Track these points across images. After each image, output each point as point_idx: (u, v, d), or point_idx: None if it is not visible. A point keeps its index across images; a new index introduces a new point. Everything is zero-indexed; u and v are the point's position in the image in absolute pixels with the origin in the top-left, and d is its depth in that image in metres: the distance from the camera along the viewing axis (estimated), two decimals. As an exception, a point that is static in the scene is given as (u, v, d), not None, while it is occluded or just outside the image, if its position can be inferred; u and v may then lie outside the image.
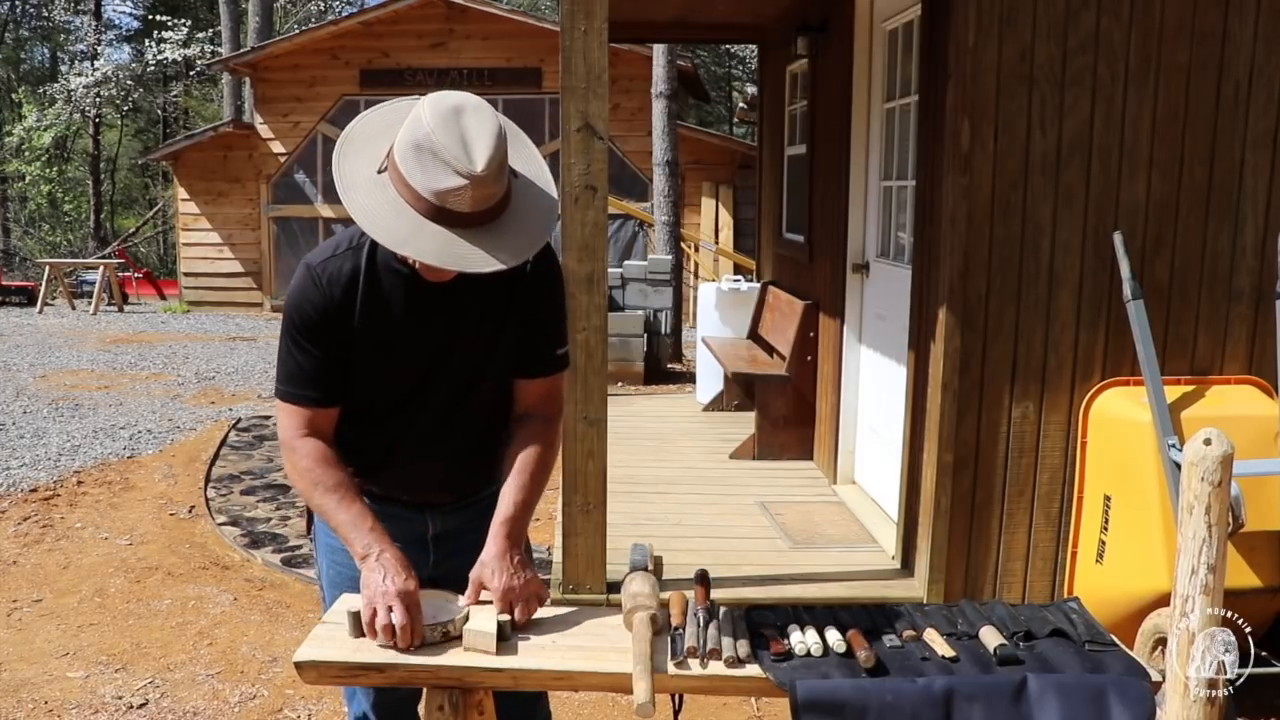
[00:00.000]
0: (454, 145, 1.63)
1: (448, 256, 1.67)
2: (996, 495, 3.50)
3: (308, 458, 1.86)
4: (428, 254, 1.68)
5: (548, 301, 1.97)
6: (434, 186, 1.65)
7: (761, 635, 1.78)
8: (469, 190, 1.64)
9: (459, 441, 2.01)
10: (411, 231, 1.67)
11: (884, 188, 4.64)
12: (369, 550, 1.77)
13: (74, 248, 22.12)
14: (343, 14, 18.89)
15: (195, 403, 7.90)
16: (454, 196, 1.65)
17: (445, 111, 1.66)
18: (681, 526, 4.47)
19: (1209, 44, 3.30)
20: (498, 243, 1.69)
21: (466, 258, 1.68)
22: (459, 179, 1.63)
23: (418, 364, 1.91)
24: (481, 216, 1.68)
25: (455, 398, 1.96)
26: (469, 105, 1.69)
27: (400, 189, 1.69)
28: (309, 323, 1.86)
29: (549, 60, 12.55)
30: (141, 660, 3.65)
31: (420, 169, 1.66)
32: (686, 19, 6.59)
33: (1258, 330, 3.42)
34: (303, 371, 1.88)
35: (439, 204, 1.66)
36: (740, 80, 25.63)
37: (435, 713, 1.75)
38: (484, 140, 1.65)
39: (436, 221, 1.67)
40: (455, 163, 1.63)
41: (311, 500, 1.87)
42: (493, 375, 1.98)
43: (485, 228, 1.69)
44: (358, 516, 1.81)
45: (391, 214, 1.69)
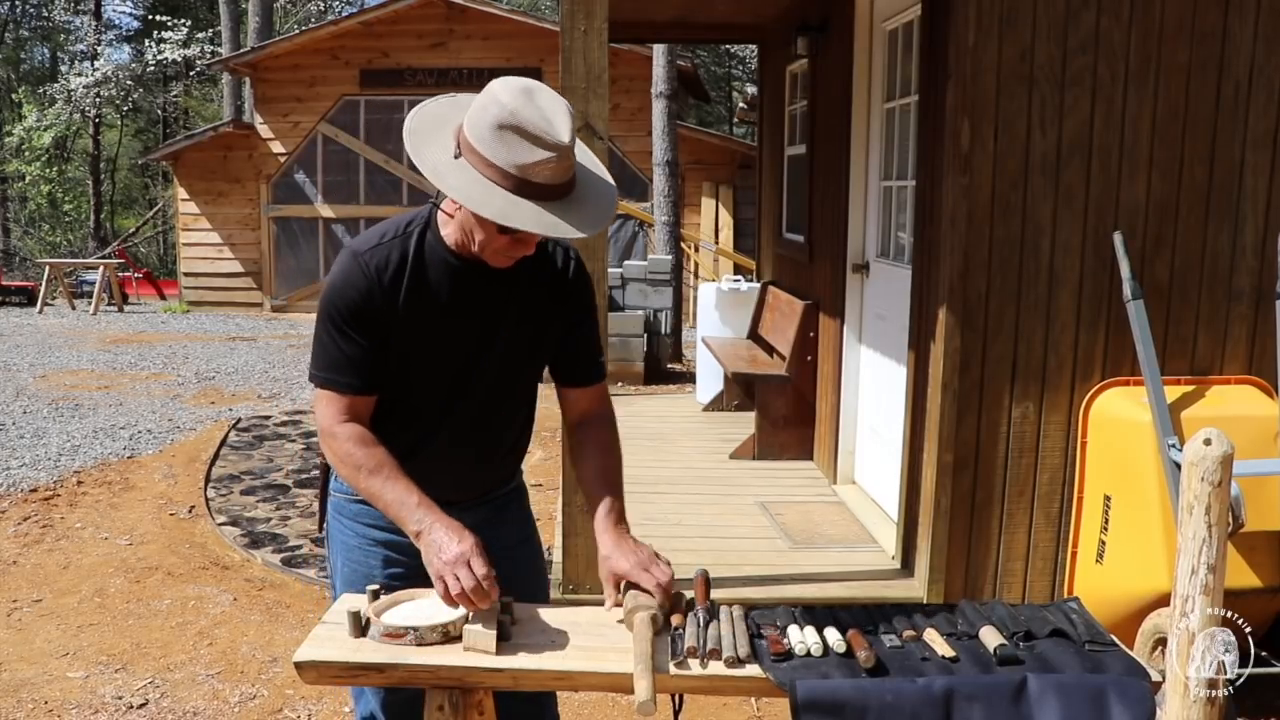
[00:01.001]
0: (539, 120, 1.70)
1: (543, 224, 1.72)
2: (996, 495, 3.50)
3: (349, 441, 1.86)
4: (528, 223, 1.72)
5: (590, 309, 2.04)
6: (520, 161, 1.70)
7: (761, 635, 1.78)
8: (555, 162, 1.71)
9: (488, 440, 2.03)
10: (506, 205, 1.72)
11: (884, 188, 4.64)
12: (421, 525, 1.79)
13: (74, 248, 22.12)
14: (343, 14, 18.90)
15: (195, 403, 7.90)
16: (540, 169, 1.70)
17: (520, 91, 1.73)
18: (681, 526, 4.47)
19: (1209, 44, 3.30)
20: (576, 213, 1.76)
21: (558, 225, 1.73)
22: (547, 151, 1.70)
23: (456, 358, 1.93)
24: (559, 190, 1.75)
25: (491, 396, 1.98)
26: (537, 85, 1.76)
27: (482, 169, 1.73)
28: (353, 309, 1.85)
29: (549, 60, 12.54)
30: (141, 660, 3.65)
31: (505, 146, 1.70)
32: (686, 19, 6.59)
33: (1258, 330, 3.42)
34: (344, 357, 1.87)
35: (523, 178, 1.71)
36: (740, 80, 25.63)
37: (435, 713, 1.75)
38: (562, 114, 1.73)
39: (522, 195, 1.72)
40: (544, 136, 1.69)
41: (357, 484, 1.88)
42: (528, 377, 2.03)
43: (563, 200, 1.75)
44: (404, 493, 1.82)
45: (482, 191, 1.73)
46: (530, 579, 2.12)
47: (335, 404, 1.88)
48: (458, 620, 1.78)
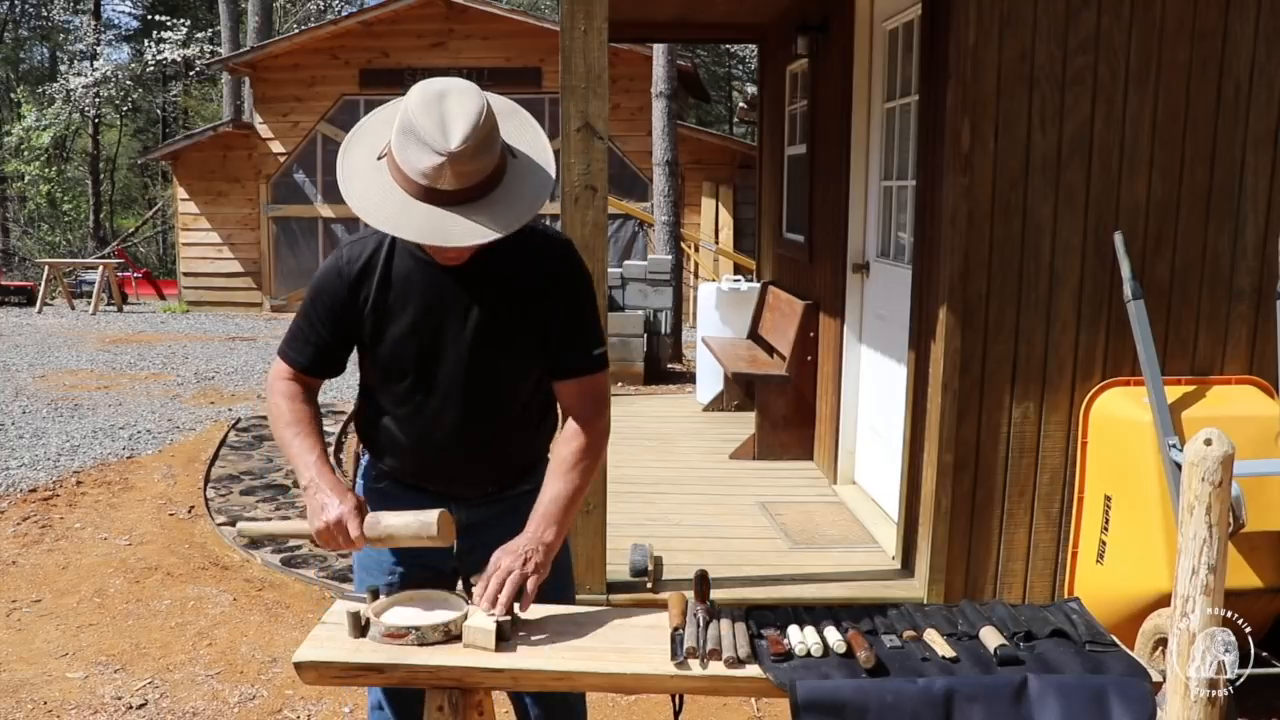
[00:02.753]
0: (432, 126, 1.71)
1: (429, 231, 1.75)
2: (997, 495, 3.50)
3: (280, 395, 2.02)
4: (408, 230, 1.76)
5: (571, 304, 2.00)
6: (417, 166, 1.73)
7: (761, 635, 1.78)
8: (448, 168, 1.71)
9: (481, 436, 2.04)
10: (398, 209, 1.76)
11: (884, 188, 4.64)
12: (310, 483, 1.92)
13: (73, 248, 22.12)
14: (342, 14, 18.88)
15: (195, 403, 7.90)
16: (435, 174, 1.72)
17: (429, 95, 1.75)
18: (681, 527, 4.47)
19: (1209, 43, 3.30)
20: (485, 215, 1.76)
21: (449, 230, 1.75)
22: (437, 157, 1.71)
23: (429, 352, 1.96)
24: (468, 193, 1.75)
25: (471, 391, 1.99)
26: (454, 89, 1.76)
27: (394, 172, 1.78)
28: (321, 298, 1.98)
29: (549, 60, 12.54)
30: (141, 660, 3.64)
31: (406, 150, 1.75)
32: (686, 18, 6.59)
33: (1258, 330, 3.42)
34: (301, 337, 2.02)
35: (426, 183, 1.74)
36: (740, 80, 25.63)
37: (435, 713, 1.75)
38: (463, 120, 1.72)
39: (425, 200, 1.75)
40: (433, 142, 1.71)
41: (275, 433, 2.02)
42: (510, 374, 2.01)
43: (474, 203, 1.76)
44: (307, 449, 1.96)
45: (381, 195, 1.78)
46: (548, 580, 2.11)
47: (283, 370, 2.05)
48: (459, 619, 1.78)
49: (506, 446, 2.08)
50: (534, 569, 1.83)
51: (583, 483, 1.96)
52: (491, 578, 1.81)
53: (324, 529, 1.87)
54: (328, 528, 1.87)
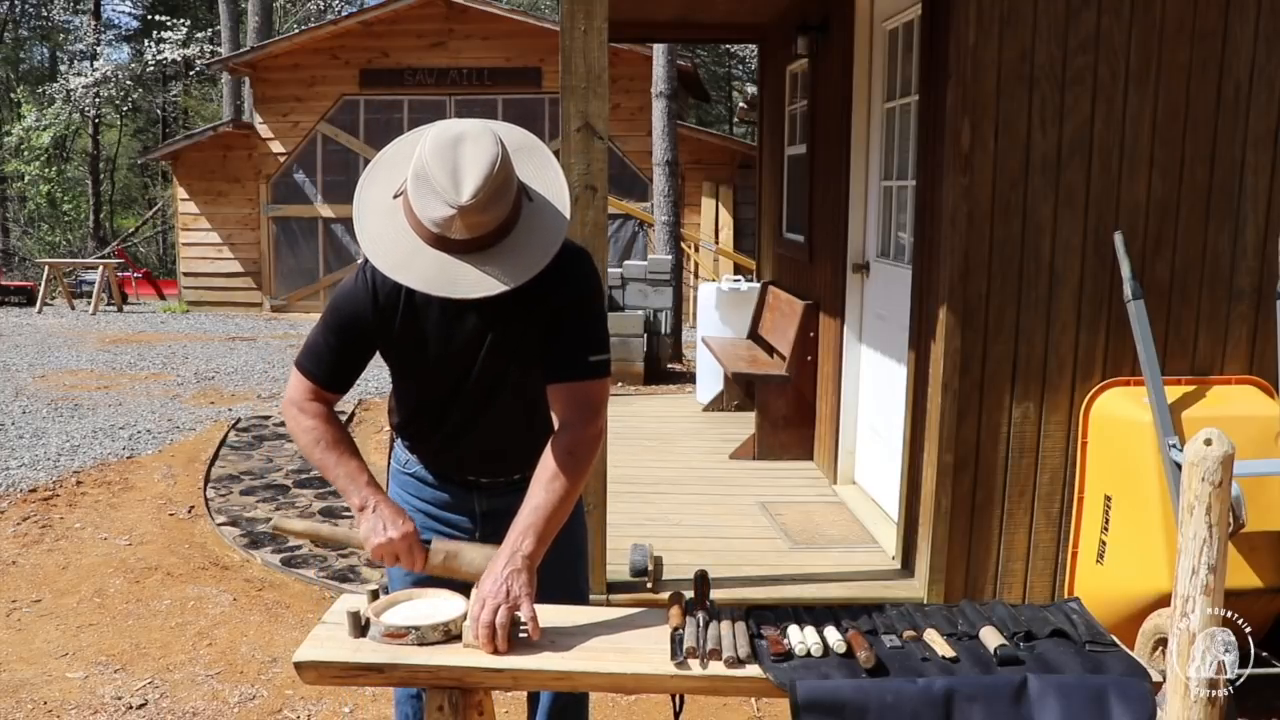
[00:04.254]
0: (444, 177, 1.72)
1: (438, 281, 1.77)
2: (997, 496, 3.50)
3: (312, 416, 2.00)
4: (417, 280, 1.78)
5: (577, 310, 1.98)
6: (429, 215, 1.75)
7: (761, 635, 1.78)
8: (458, 219, 1.73)
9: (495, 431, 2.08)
10: (407, 256, 1.78)
11: (884, 188, 4.64)
12: (365, 502, 1.94)
13: (73, 248, 22.11)
14: (342, 14, 18.88)
15: (195, 403, 7.90)
16: (446, 224, 1.74)
17: (444, 142, 1.75)
18: (681, 526, 4.47)
19: (1209, 44, 3.30)
20: (496, 266, 1.78)
21: (457, 282, 1.77)
22: (448, 209, 1.72)
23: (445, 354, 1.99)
24: (479, 242, 1.77)
25: (488, 392, 2.03)
26: (469, 135, 1.76)
27: (408, 215, 1.80)
28: (343, 317, 1.97)
29: (549, 60, 12.54)
30: (141, 660, 3.64)
31: (419, 197, 1.76)
32: (686, 18, 6.59)
33: (1258, 330, 3.42)
34: (320, 354, 2.01)
35: (438, 231, 1.76)
36: (740, 80, 25.63)
37: (435, 713, 1.75)
38: (475, 171, 1.72)
39: (436, 247, 1.77)
40: (444, 194, 1.72)
41: (312, 456, 2.01)
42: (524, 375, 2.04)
43: (485, 252, 1.78)
44: (355, 471, 1.97)
45: (392, 239, 1.80)
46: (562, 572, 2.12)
47: (303, 386, 2.02)
48: (459, 619, 1.78)
49: (521, 442, 2.10)
50: (520, 591, 1.79)
51: (567, 490, 1.91)
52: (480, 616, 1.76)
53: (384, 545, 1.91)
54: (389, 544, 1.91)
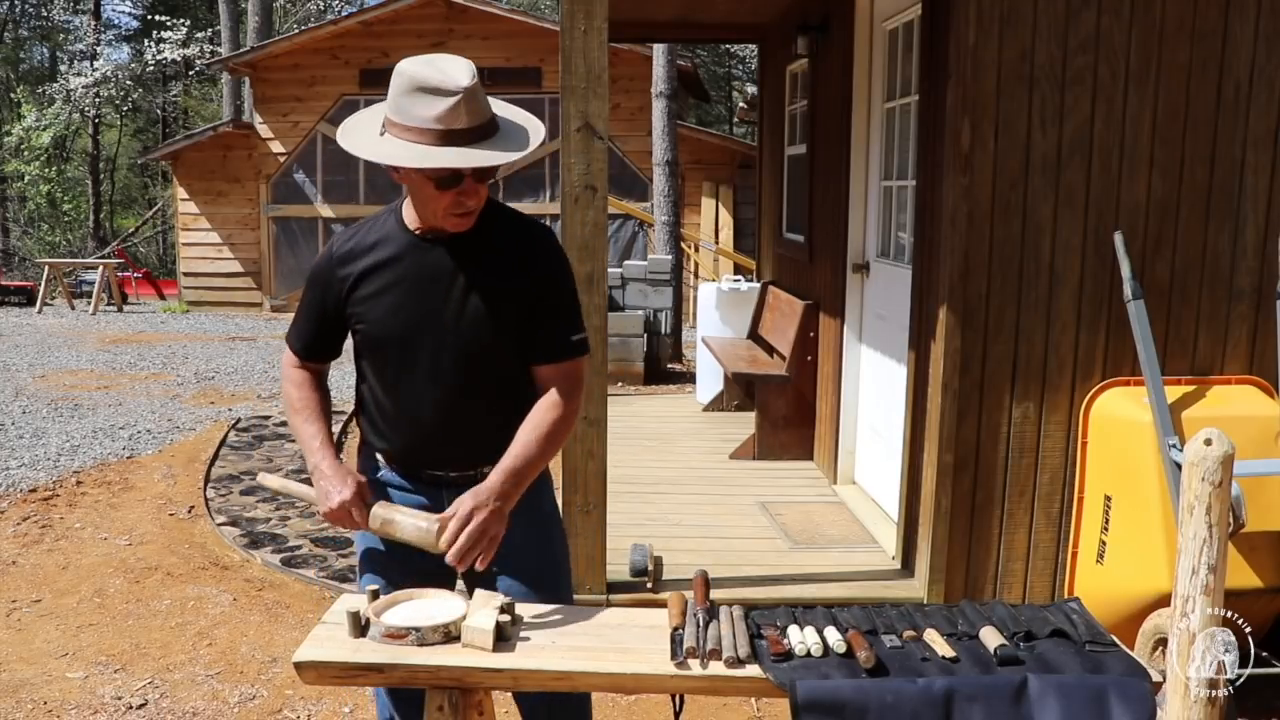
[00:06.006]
0: (438, 74, 1.86)
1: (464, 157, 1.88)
2: (997, 496, 3.50)
3: (289, 382, 2.20)
4: (448, 161, 1.87)
5: (554, 290, 2.07)
6: (432, 113, 1.86)
7: (761, 635, 1.78)
8: (463, 104, 1.85)
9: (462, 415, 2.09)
10: (422, 152, 1.88)
11: (884, 188, 4.64)
12: (315, 466, 2.06)
13: (73, 248, 22.11)
14: (342, 14, 18.88)
15: (195, 403, 7.90)
16: (451, 116, 1.85)
17: (419, 60, 1.90)
18: (681, 526, 4.47)
19: (1209, 44, 3.30)
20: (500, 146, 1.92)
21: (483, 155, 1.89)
22: (452, 97, 1.85)
23: (414, 330, 2.03)
24: (480, 131, 1.90)
25: (453, 370, 2.05)
26: (437, 55, 1.92)
27: (405, 135, 1.89)
28: (316, 281, 2.12)
29: (549, 60, 12.54)
30: (141, 660, 3.64)
31: (416, 105, 1.87)
32: (686, 18, 6.59)
33: (1258, 330, 3.42)
34: (299, 324, 2.19)
35: (442, 128, 1.86)
36: (740, 80, 25.63)
37: (435, 713, 1.75)
38: (459, 65, 1.90)
39: (444, 144, 1.88)
40: (445, 86, 1.85)
41: (288, 419, 2.19)
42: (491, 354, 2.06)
43: (486, 141, 1.91)
44: (312, 435, 2.12)
45: (404, 150, 1.89)
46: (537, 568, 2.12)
47: (289, 357, 2.22)
48: (458, 619, 1.78)
49: (486, 427, 2.09)
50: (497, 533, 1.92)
51: (550, 449, 2.04)
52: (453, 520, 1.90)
53: (330, 513, 2.02)
54: (333, 512, 2.01)
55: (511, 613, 1.83)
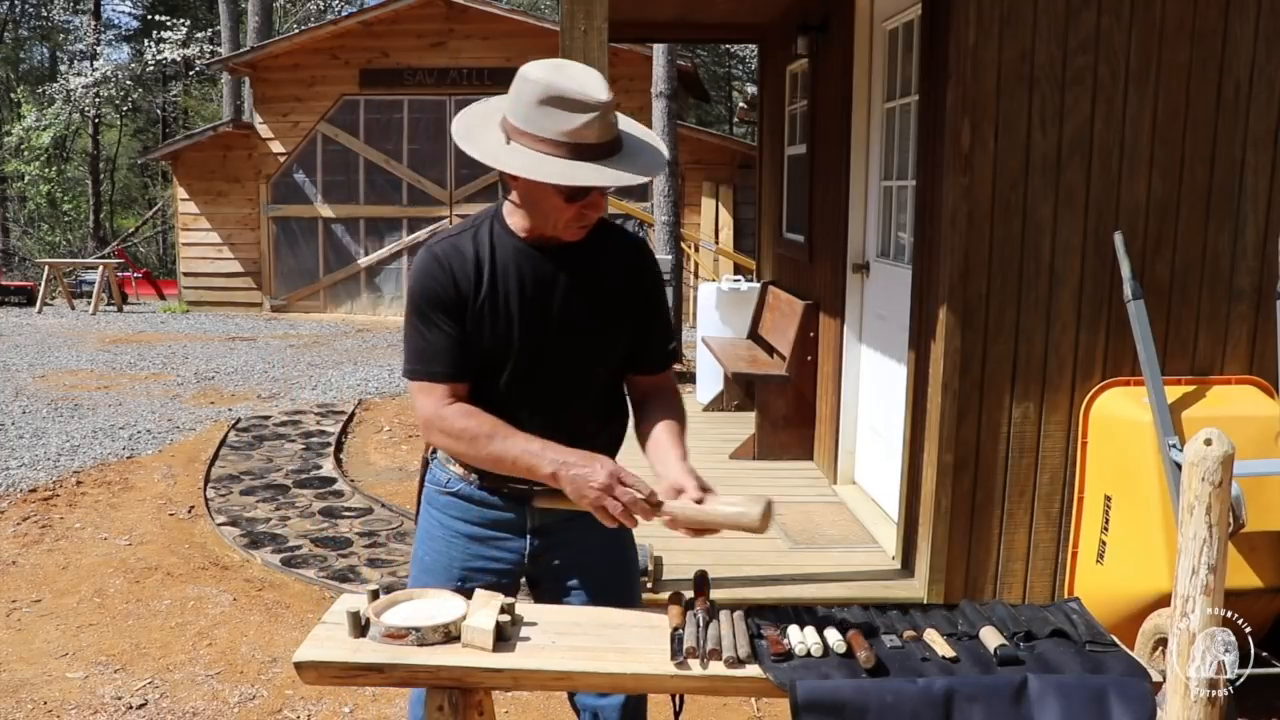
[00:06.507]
0: (574, 86, 1.81)
1: (605, 177, 1.83)
2: (997, 496, 3.50)
3: (459, 418, 1.94)
4: (590, 178, 1.82)
5: (654, 301, 2.09)
6: (567, 127, 1.80)
7: (761, 635, 1.78)
8: (599, 120, 1.81)
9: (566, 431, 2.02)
10: (566, 168, 1.82)
11: (884, 188, 4.64)
12: (555, 466, 1.87)
13: (73, 248, 22.11)
14: (342, 14, 18.88)
15: (195, 403, 7.90)
16: (587, 131, 1.81)
17: (550, 67, 1.85)
18: (681, 526, 4.46)
19: (1209, 44, 3.30)
20: (630, 163, 1.86)
21: (619, 175, 1.85)
22: (589, 113, 1.80)
23: (532, 342, 1.97)
24: (609, 147, 1.85)
25: (568, 382, 2.02)
26: (563, 60, 1.90)
27: (536, 146, 1.83)
28: (434, 299, 1.94)
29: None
30: (141, 661, 3.64)
31: (549, 118, 1.81)
32: (686, 18, 6.59)
33: (1258, 330, 3.42)
34: (434, 348, 1.95)
35: (574, 142, 1.81)
36: (740, 80, 25.63)
37: (435, 713, 1.75)
38: (594, 77, 1.84)
39: (577, 159, 1.82)
40: (583, 99, 1.79)
41: (479, 455, 1.94)
42: (604, 363, 2.06)
43: (615, 156, 1.86)
44: (525, 443, 1.90)
45: (541, 163, 1.82)
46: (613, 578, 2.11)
47: (434, 393, 1.95)
48: (459, 620, 1.78)
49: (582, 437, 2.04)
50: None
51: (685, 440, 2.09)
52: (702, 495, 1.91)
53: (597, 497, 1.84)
54: (601, 494, 1.84)
55: (511, 613, 1.83)
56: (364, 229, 13.66)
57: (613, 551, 2.15)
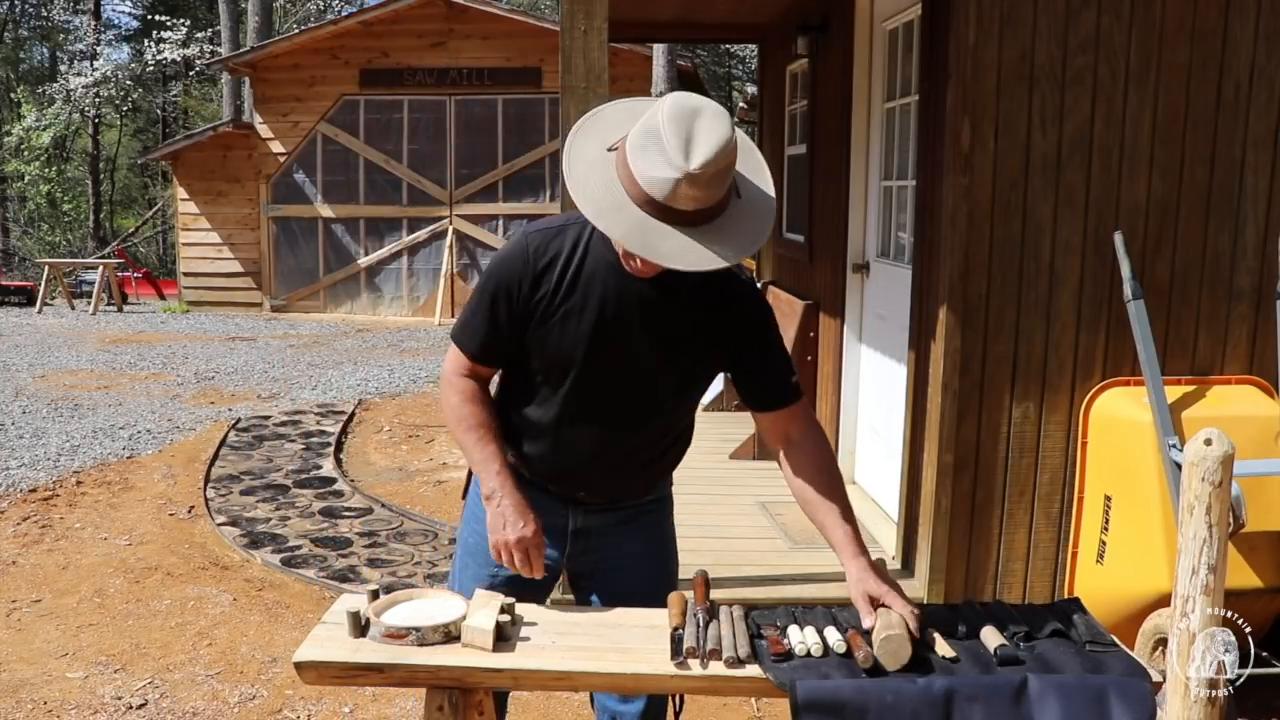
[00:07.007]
0: (677, 140, 1.65)
1: (636, 240, 1.69)
2: (997, 496, 3.50)
3: (459, 394, 1.98)
4: (617, 230, 1.70)
5: (768, 338, 1.98)
6: (648, 173, 1.67)
7: (761, 635, 1.78)
8: (680, 186, 1.65)
9: (622, 450, 2.01)
10: (613, 207, 1.70)
11: (884, 188, 4.64)
12: (493, 493, 1.92)
13: (73, 248, 22.11)
14: (342, 14, 18.88)
15: (194, 403, 7.90)
16: (662, 188, 1.66)
17: (684, 108, 1.68)
18: (682, 526, 4.40)
19: (1209, 43, 3.30)
20: (693, 246, 1.69)
21: (657, 246, 1.68)
22: (673, 172, 1.65)
23: (596, 359, 1.92)
24: (686, 216, 1.69)
25: (630, 405, 1.96)
26: (709, 110, 1.70)
27: (620, 170, 1.72)
28: (498, 287, 1.91)
29: (549, 60, 12.54)
30: (141, 661, 3.64)
31: (642, 155, 1.68)
32: (686, 18, 6.59)
33: (1258, 330, 3.42)
34: (475, 324, 1.96)
35: (649, 193, 1.68)
36: (740, 80, 25.63)
37: (435, 713, 1.75)
38: (709, 144, 1.66)
39: (644, 208, 1.69)
40: (674, 156, 1.65)
41: (455, 434, 2.00)
42: (668, 396, 1.99)
43: (689, 229, 1.70)
44: (490, 457, 1.94)
45: (601, 188, 1.72)
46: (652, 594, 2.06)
47: (457, 360, 1.99)
48: (459, 620, 1.78)
49: (642, 464, 2.05)
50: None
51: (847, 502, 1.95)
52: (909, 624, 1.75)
53: (501, 545, 1.91)
54: (506, 546, 1.90)
55: (511, 613, 1.83)
56: (364, 229, 13.66)
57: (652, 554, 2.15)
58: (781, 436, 2.00)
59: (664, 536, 2.18)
